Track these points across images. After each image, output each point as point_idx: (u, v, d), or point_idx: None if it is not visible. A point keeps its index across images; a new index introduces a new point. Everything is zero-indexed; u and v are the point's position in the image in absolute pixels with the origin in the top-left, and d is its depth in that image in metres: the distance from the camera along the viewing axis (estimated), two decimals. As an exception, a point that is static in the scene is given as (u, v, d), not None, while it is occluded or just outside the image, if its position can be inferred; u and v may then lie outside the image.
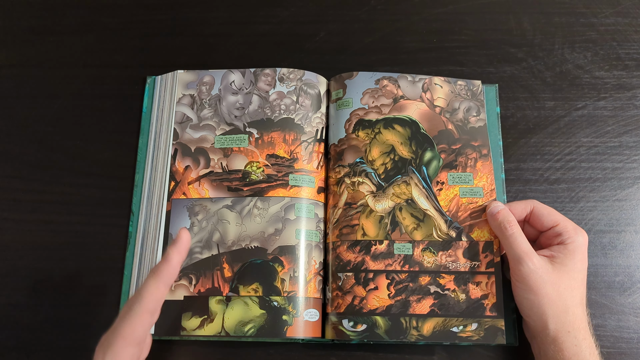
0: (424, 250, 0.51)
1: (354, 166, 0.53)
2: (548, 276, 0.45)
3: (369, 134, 0.54)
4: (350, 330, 0.49)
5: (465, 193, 0.52)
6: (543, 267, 0.45)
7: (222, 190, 0.53)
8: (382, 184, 0.53)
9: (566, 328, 0.44)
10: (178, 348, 0.51)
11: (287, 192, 0.52)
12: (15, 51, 0.61)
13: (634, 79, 0.59)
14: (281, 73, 0.57)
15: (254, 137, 0.54)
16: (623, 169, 0.56)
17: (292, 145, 0.54)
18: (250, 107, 0.56)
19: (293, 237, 0.51)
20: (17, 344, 0.51)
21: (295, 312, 0.49)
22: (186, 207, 0.53)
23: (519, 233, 0.47)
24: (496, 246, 0.51)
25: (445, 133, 0.55)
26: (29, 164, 0.56)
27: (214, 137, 0.55)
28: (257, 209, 0.52)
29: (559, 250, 0.46)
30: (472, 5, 0.62)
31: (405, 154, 0.54)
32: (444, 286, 0.50)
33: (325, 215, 0.53)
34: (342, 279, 0.50)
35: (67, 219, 0.54)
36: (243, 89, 0.56)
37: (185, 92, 0.57)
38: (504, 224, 0.48)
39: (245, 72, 0.57)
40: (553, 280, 0.45)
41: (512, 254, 0.46)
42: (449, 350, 0.50)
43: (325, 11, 0.63)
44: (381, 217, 0.52)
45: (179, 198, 0.53)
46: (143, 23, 0.62)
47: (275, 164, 0.53)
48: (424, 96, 0.56)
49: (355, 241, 0.51)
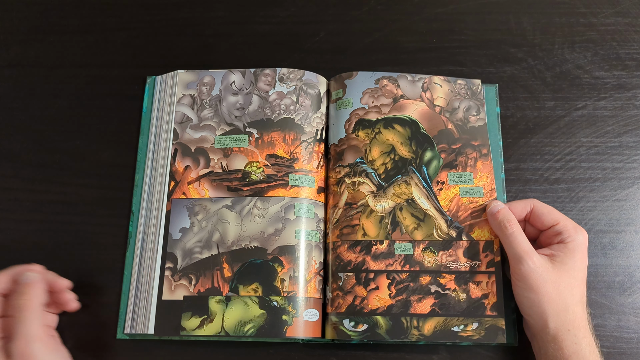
0: (424, 250, 0.51)
1: (354, 166, 0.53)
2: (548, 275, 0.45)
3: (369, 134, 0.54)
4: (351, 330, 0.49)
5: (466, 193, 0.52)
6: (543, 266, 0.45)
7: (222, 190, 0.53)
8: (382, 184, 0.53)
9: (566, 326, 0.44)
10: (178, 348, 0.51)
11: (286, 192, 0.52)
12: (15, 51, 0.61)
13: (634, 79, 0.59)
14: (281, 73, 0.57)
15: (254, 137, 0.54)
16: (623, 169, 0.56)
17: (292, 146, 0.54)
18: (250, 107, 0.56)
19: (293, 237, 0.51)
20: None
21: (295, 312, 0.49)
22: (186, 207, 0.53)
23: (519, 232, 0.47)
24: (496, 246, 0.51)
25: (445, 132, 0.55)
26: (29, 164, 0.56)
27: (214, 137, 0.55)
28: (257, 209, 0.52)
29: (559, 249, 0.46)
30: (472, 5, 0.62)
31: (406, 154, 0.54)
32: (445, 286, 0.50)
33: (325, 215, 0.53)
34: (343, 279, 0.50)
35: (67, 219, 0.54)
36: (243, 89, 0.56)
37: (185, 92, 0.57)
38: (504, 223, 0.48)
39: (246, 72, 0.57)
40: (553, 279, 0.45)
41: (512, 253, 0.46)
42: (450, 350, 0.50)
43: (325, 11, 0.63)
44: (381, 217, 0.52)
45: (178, 198, 0.53)
46: (143, 23, 0.62)
47: (275, 164, 0.53)
48: (424, 96, 0.56)
49: (355, 241, 0.51)
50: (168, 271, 0.51)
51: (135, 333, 0.49)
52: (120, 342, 0.50)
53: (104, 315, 0.51)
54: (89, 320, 0.51)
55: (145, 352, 0.51)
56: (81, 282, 0.52)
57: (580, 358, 0.43)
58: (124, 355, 0.50)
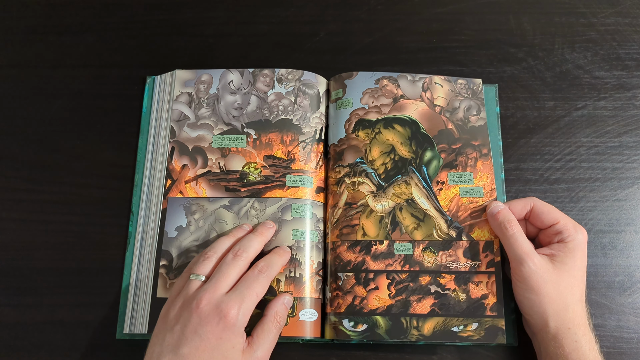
0: (424, 250, 0.51)
1: (354, 166, 0.53)
2: (549, 276, 0.45)
3: (369, 134, 0.54)
4: (350, 330, 0.49)
5: (466, 193, 0.52)
6: (544, 267, 0.45)
7: (220, 190, 0.53)
8: (382, 184, 0.53)
9: (566, 325, 0.44)
10: (178, 348, 0.50)
11: (284, 193, 0.52)
12: (15, 51, 0.61)
13: (634, 79, 0.59)
14: (279, 74, 0.57)
15: (252, 137, 0.54)
16: (623, 169, 0.56)
17: (289, 146, 0.54)
18: (248, 108, 0.56)
19: (289, 238, 0.51)
20: (18, 344, 0.51)
21: (291, 312, 0.49)
22: (182, 206, 0.52)
23: (520, 233, 0.47)
24: (496, 246, 0.51)
25: (446, 132, 0.55)
26: (29, 164, 0.56)
27: (212, 137, 0.55)
28: (254, 210, 0.52)
29: (559, 249, 0.46)
30: (472, 5, 0.62)
31: (406, 154, 0.54)
32: (445, 286, 0.50)
33: (324, 215, 0.53)
34: (343, 279, 0.50)
35: (67, 219, 0.54)
36: (241, 89, 0.56)
37: (183, 90, 0.57)
38: (505, 224, 0.48)
39: (244, 72, 0.57)
40: (553, 280, 0.45)
41: (513, 255, 0.46)
42: (450, 350, 0.50)
43: (325, 11, 0.63)
44: (381, 217, 0.52)
45: (175, 196, 0.53)
46: (143, 23, 0.62)
47: (272, 165, 0.53)
48: (424, 95, 0.56)
49: (355, 241, 0.51)
50: (163, 269, 0.51)
51: (135, 333, 0.49)
52: (120, 342, 0.50)
53: (103, 315, 0.51)
54: (88, 320, 0.51)
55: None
56: (81, 282, 0.52)
57: (580, 355, 0.43)
58: (124, 355, 0.50)
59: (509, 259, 0.47)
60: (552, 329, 0.44)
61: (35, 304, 0.52)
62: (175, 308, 0.43)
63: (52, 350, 0.50)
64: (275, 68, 0.57)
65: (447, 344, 0.50)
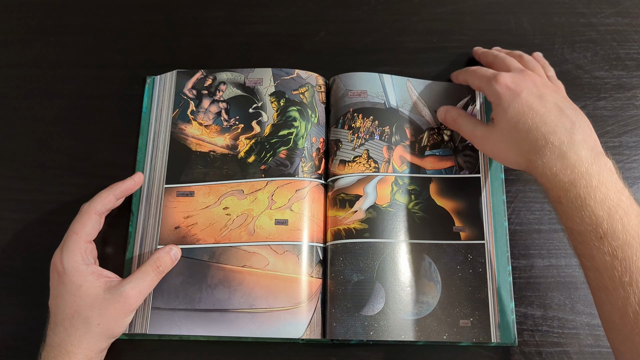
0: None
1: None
2: (494, 135, 0.48)
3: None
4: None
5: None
6: (487, 132, 0.49)
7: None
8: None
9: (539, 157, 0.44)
10: (178, 348, 0.51)
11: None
12: (15, 51, 0.61)
13: (634, 79, 0.59)
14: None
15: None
16: (623, 169, 0.56)
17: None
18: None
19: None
20: (18, 344, 0.51)
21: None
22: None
23: (462, 120, 0.52)
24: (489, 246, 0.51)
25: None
26: (29, 164, 0.56)
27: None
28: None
29: (495, 113, 0.49)
30: (472, 5, 0.62)
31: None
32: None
33: (325, 215, 0.53)
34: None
35: (66, 219, 0.54)
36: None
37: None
38: (449, 121, 0.54)
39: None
40: (499, 134, 0.47)
41: (465, 136, 0.53)
42: (449, 349, 0.50)
43: (325, 11, 0.63)
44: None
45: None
46: (143, 23, 0.62)
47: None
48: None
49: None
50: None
51: (135, 333, 0.49)
52: (120, 342, 0.50)
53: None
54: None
55: (145, 352, 0.51)
56: (81, 282, 0.52)
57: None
58: (124, 355, 0.50)
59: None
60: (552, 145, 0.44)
61: (36, 304, 0.52)
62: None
63: (52, 350, 0.50)
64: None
65: (446, 344, 0.50)
